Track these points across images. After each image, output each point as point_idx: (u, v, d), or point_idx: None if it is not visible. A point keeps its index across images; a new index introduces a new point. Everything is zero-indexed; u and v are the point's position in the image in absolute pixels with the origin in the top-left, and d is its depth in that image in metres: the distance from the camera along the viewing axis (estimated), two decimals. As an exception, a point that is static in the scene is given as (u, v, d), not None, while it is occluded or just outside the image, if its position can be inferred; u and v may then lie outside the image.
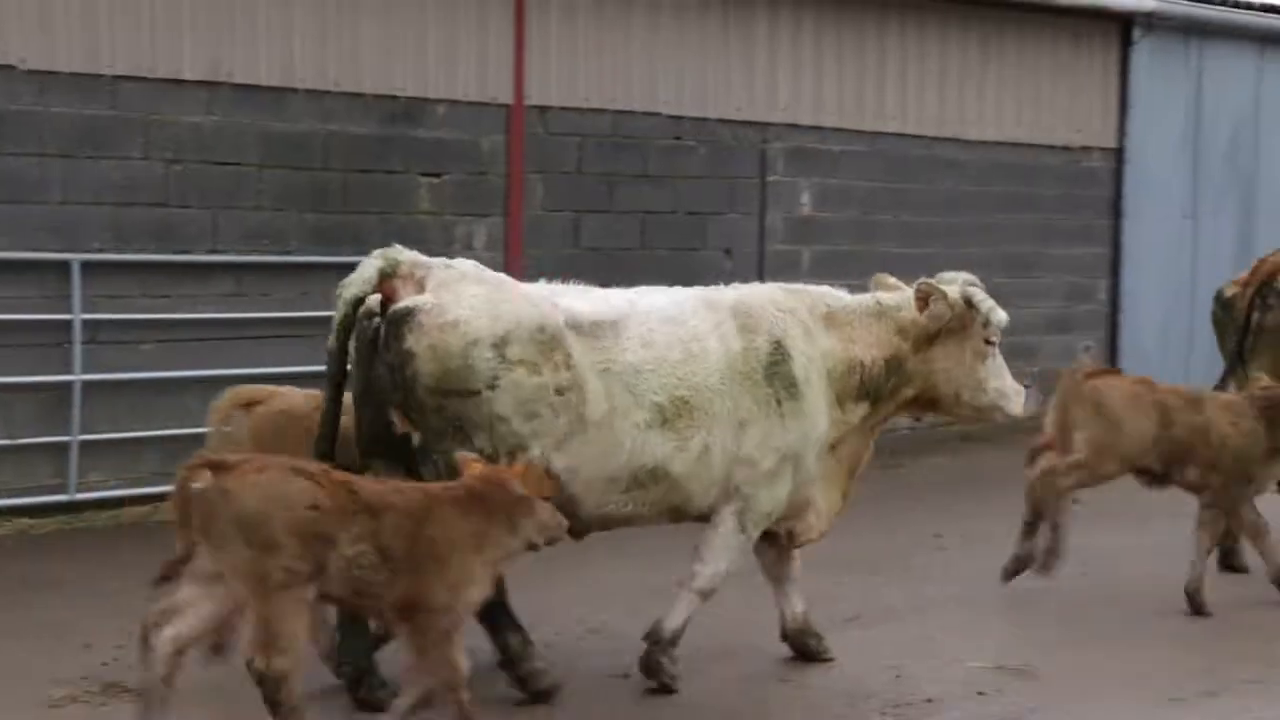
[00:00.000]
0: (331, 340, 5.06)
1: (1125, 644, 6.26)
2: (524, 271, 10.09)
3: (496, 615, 5.13)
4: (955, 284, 5.76)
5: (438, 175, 9.75)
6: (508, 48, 9.85)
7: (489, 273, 5.25)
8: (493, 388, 4.91)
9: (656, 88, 10.61)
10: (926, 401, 5.88)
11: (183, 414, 8.70)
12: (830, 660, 5.87)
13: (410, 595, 4.38)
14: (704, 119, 10.86)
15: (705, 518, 5.47)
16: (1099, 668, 5.94)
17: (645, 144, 10.60)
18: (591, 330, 5.18)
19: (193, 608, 4.31)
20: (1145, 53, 13.03)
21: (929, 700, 5.48)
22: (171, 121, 8.69)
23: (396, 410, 4.98)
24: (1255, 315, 7.53)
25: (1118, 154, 13.16)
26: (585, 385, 5.06)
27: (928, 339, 5.69)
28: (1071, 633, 6.41)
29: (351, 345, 5.08)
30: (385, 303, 5.00)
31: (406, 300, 4.95)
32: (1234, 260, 13.72)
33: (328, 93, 9.18)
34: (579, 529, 5.15)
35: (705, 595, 5.47)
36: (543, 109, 10.11)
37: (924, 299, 5.67)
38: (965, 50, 12.27)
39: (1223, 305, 7.92)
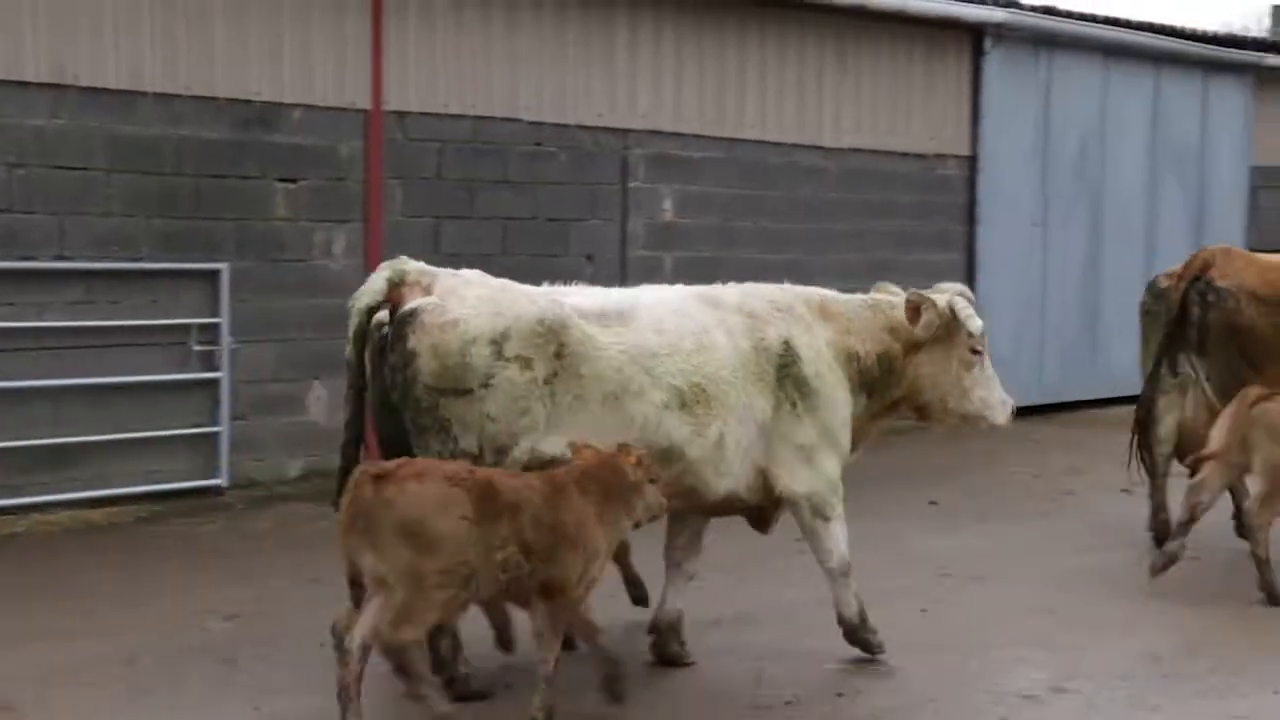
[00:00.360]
0: (349, 350, 5.30)
1: (983, 644, 6.36)
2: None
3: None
4: (945, 294, 6.00)
5: (294, 181, 9.60)
6: (365, 52, 9.73)
7: (492, 278, 5.41)
8: (486, 386, 5.09)
9: (517, 94, 10.58)
10: (913, 406, 6.11)
11: (31, 424, 8.47)
12: (689, 664, 5.92)
13: (548, 580, 4.78)
14: (565, 125, 10.85)
15: (719, 507, 5.74)
16: (958, 668, 6.03)
17: (506, 150, 10.56)
18: (602, 317, 5.38)
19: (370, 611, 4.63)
20: (996, 63, 13.31)
21: (788, 702, 5.51)
22: (15, 125, 8.44)
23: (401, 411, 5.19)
24: (1195, 311, 7.75)
25: (971, 162, 13.42)
26: (584, 370, 5.23)
27: (915, 345, 5.92)
28: (931, 634, 6.50)
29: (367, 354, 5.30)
30: (394, 309, 5.20)
31: (411, 302, 5.15)
32: (1083, 268, 14.11)
33: (178, 96, 8.99)
34: None
35: (847, 572, 5.87)
36: (401, 114, 10.01)
37: (915, 309, 5.89)
38: (823, 58, 12.43)
39: (1155, 296, 8.17)
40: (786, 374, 5.65)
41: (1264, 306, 7.70)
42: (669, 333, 5.47)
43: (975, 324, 5.94)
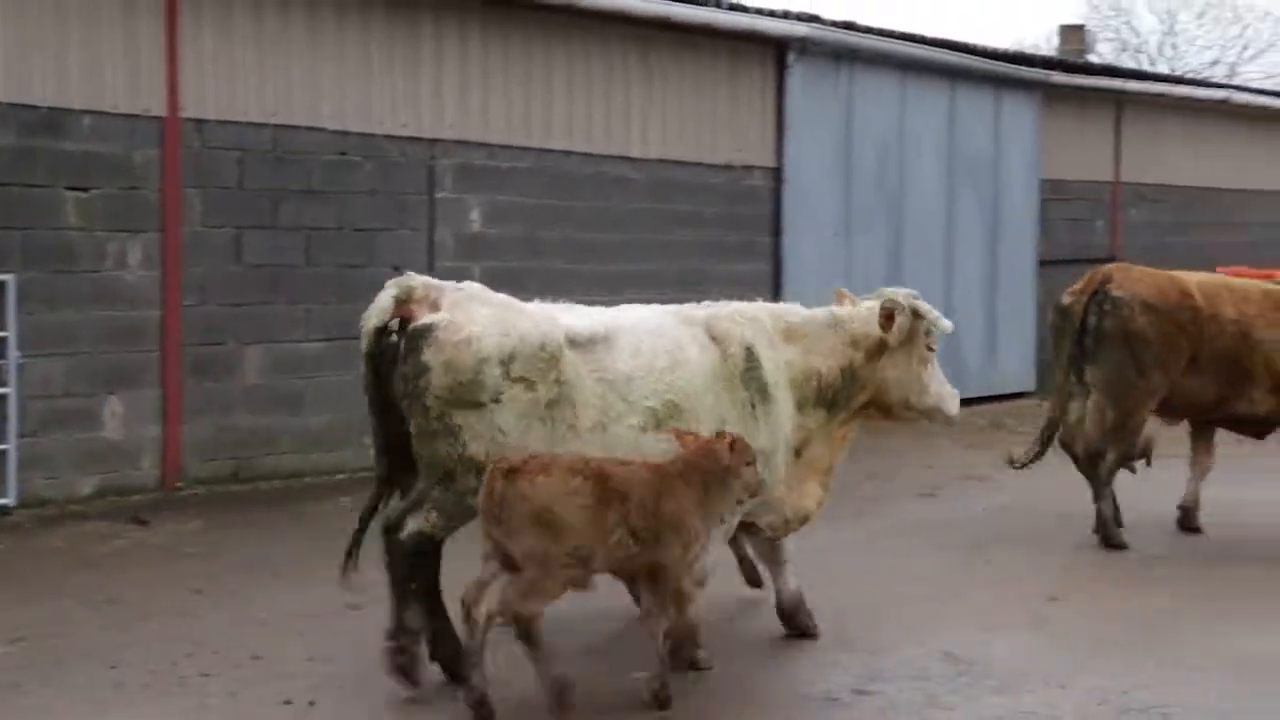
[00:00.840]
0: (365, 371, 5.59)
1: (785, 648, 6.44)
2: (182, 290, 9.76)
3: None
4: (899, 297, 6.31)
5: (85, 190, 9.28)
6: (159, 57, 9.47)
7: (494, 294, 5.69)
8: (497, 401, 5.38)
9: (320, 102, 10.40)
10: (878, 406, 6.40)
11: None
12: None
13: (655, 561, 5.28)
14: (370, 134, 10.71)
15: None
16: (762, 672, 6.09)
17: (309, 159, 10.37)
18: (587, 345, 5.65)
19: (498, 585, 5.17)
20: (799, 76, 13.56)
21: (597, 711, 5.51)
22: None
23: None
24: (1091, 320, 8.45)
25: (776, 173, 13.63)
26: (575, 397, 5.52)
27: (879, 349, 6.23)
28: (735, 639, 6.56)
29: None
30: (404, 322, 5.45)
31: (426, 318, 5.39)
32: (885, 278, 14.39)
33: (-42, 100, 8.63)
34: None
35: (785, 566, 6.41)
36: (199, 122, 9.76)
37: (889, 315, 6.20)
38: (630, 70, 12.50)
39: (1061, 313, 8.74)
40: (750, 377, 5.97)
41: (1154, 315, 8.41)
42: (644, 354, 5.75)
43: (944, 324, 6.32)
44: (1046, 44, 33.52)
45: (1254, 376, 8.64)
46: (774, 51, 13.48)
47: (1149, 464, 9.16)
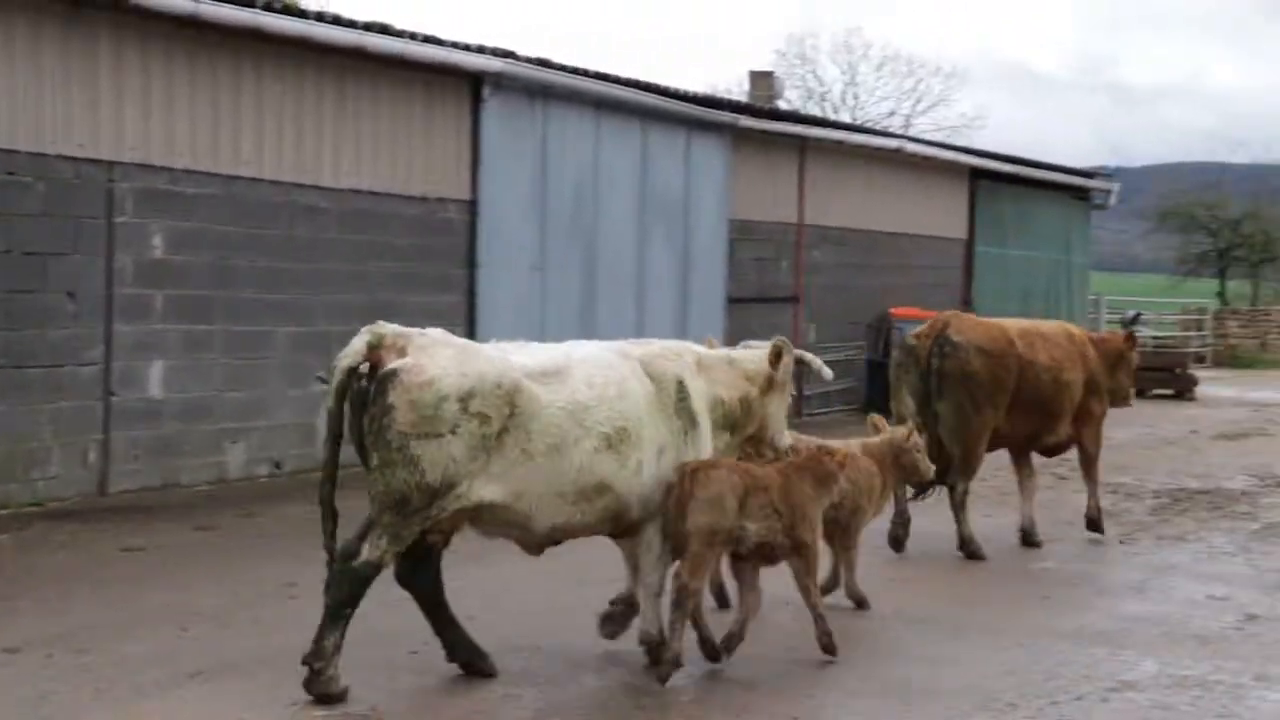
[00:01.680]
0: (332, 403, 6.03)
1: (465, 683, 6.43)
2: None
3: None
4: (778, 344, 7.01)
5: None
6: None
7: (455, 339, 6.23)
8: (454, 433, 5.91)
9: (-12, 120, 9.89)
10: (754, 438, 7.11)
11: None
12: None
13: (793, 541, 6.61)
14: (42, 155, 10.24)
15: (633, 528, 6.59)
16: (445, 709, 6.06)
17: (-25, 179, 9.83)
18: (544, 378, 6.21)
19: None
20: (495, 111, 13.64)
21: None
22: None
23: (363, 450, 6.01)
24: (934, 361, 9.55)
25: (471, 206, 13.65)
26: (531, 426, 6.11)
27: (770, 385, 6.98)
28: (420, 676, 6.50)
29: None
30: (373, 368, 5.95)
31: (392, 363, 5.91)
32: (579, 312, 14.63)
33: None
34: (536, 541, 6.50)
35: (659, 594, 6.67)
36: None
37: (778, 353, 6.96)
38: (322, 98, 12.33)
39: (906, 351, 9.82)
40: (682, 407, 6.64)
41: (987, 358, 9.58)
42: (598, 385, 6.36)
43: (827, 372, 7.30)
44: (738, 89, 34.73)
45: (1062, 412, 9.98)
46: (469, 85, 13.52)
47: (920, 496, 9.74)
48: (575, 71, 14.42)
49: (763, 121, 17.41)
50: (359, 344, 5.97)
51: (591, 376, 6.37)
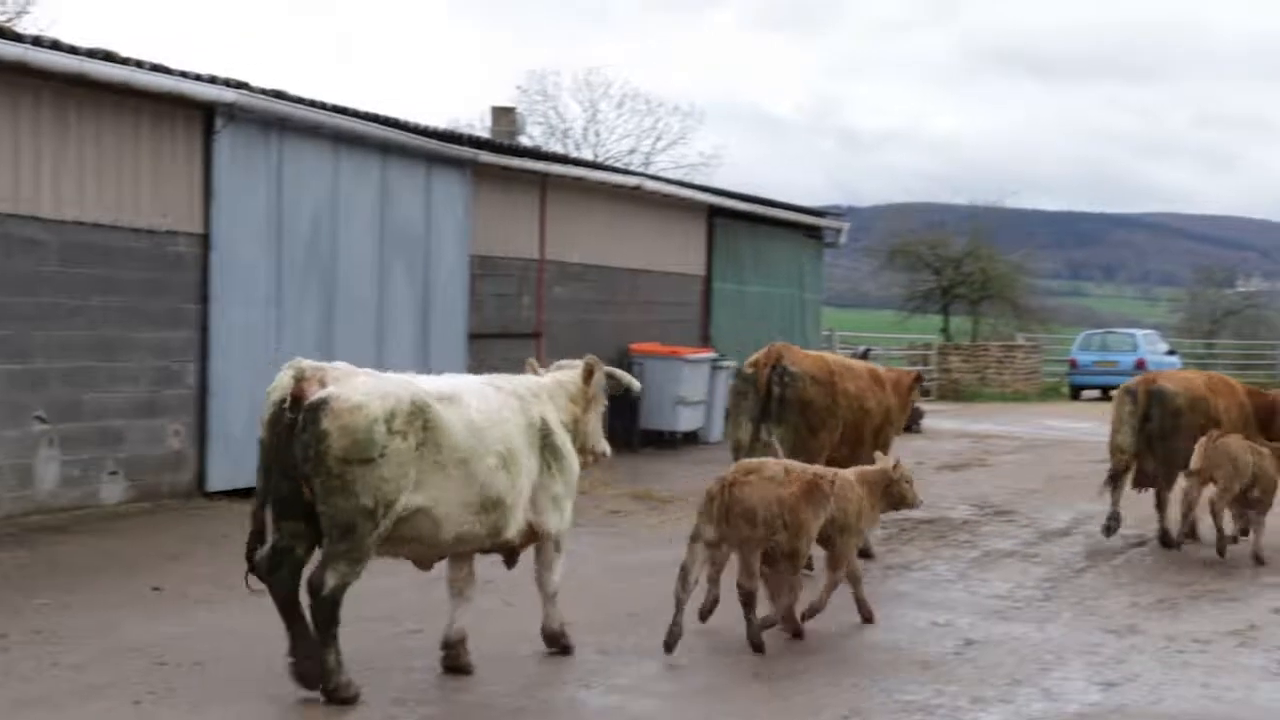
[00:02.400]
0: (265, 434, 6.52)
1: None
2: None
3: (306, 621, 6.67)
4: (583, 361, 7.78)
5: None
6: None
7: (358, 369, 6.70)
8: (383, 455, 6.38)
9: None
10: (580, 449, 7.70)
11: None
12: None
13: (791, 549, 7.81)
14: None
15: (501, 546, 7.24)
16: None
17: None
18: (447, 399, 6.77)
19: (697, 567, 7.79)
20: (228, 142, 13.29)
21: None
22: None
23: (304, 480, 6.39)
24: (775, 390, 10.32)
25: (204, 240, 13.24)
26: (441, 441, 6.63)
27: (588, 402, 7.72)
28: (142, 724, 6.26)
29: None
30: (296, 399, 6.40)
31: (320, 393, 6.38)
32: (317, 348, 14.32)
33: None
34: (437, 554, 7.07)
35: (556, 597, 7.59)
36: None
37: (590, 372, 7.72)
38: (41, 126, 11.79)
39: (744, 379, 10.59)
40: (546, 442, 7.30)
41: (819, 386, 10.46)
42: (487, 411, 6.96)
43: (636, 386, 8.28)
44: (480, 124, 34.74)
45: (866, 438, 10.81)
46: (201, 116, 13.14)
47: None
48: (312, 104, 14.16)
49: (503, 157, 17.43)
50: (285, 378, 6.50)
51: (481, 401, 7.01)
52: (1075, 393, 36.93)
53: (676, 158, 49.42)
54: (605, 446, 8.02)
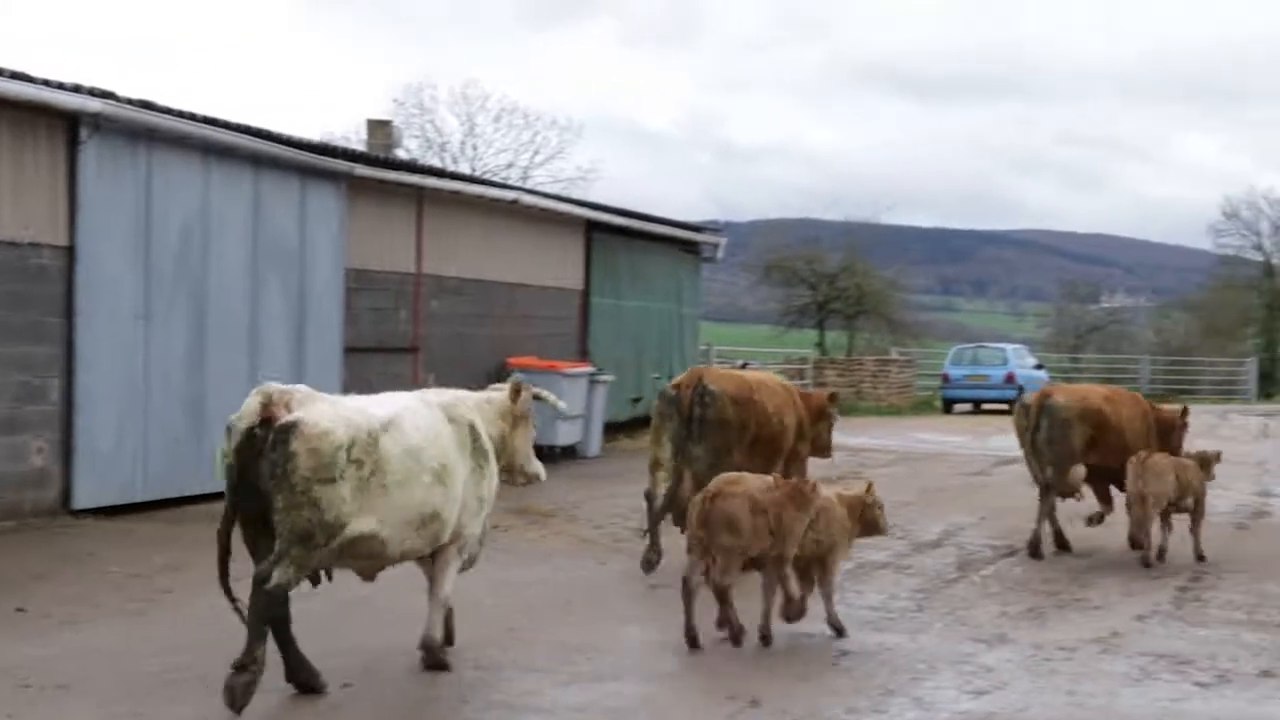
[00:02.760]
0: (232, 457, 6.88)
1: None
2: None
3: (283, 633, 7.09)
4: (510, 381, 8.35)
5: None
6: None
7: (319, 393, 7.14)
8: (342, 477, 6.84)
9: None
10: (510, 468, 8.26)
11: None
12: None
13: (778, 554, 8.35)
14: None
15: (440, 551, 7.63)
16: None
17: None
18: (391, 426, 7.21)
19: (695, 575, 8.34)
20: (94, 153, 12.99)
21: None
22: None
23: (267, 495, 6.76)
24: (696, 410, 10.88)
25: (69, 252, 12.93)
26: (386, 466, 7.07)
27: (515, 420, 8.20)
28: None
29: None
30: (266, 421, 6.82)
31: (289, 417, 6.81)
32: (187, 363, 14.08)
33: None
34: (381, 567, 7.51)
35: (448, 604, 7.83)
36: None
37: (517, 391, 8.22)
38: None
39: (668, 401, 11.15)
40: (476, 446, 7.78)
41: (737, 406, 11.00)
42: (423, 429, 7.41)
43: (563, 405, 8.96)
44: (356, 137, 34.41)
45: (782, 450, 11.51)
46: (66, 126, 12.82)
47: None
48: (181, 114, 13.89)
49: (379, 170, 17.27)
50: (253, 404, 6.88)
51: (416, 422, 7.44)
52: (948, 406, 37.61)
53: (554, 172, 49.41)
54: (538, 468, 8.44)
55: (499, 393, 8.28)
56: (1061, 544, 12.32)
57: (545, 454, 19.24)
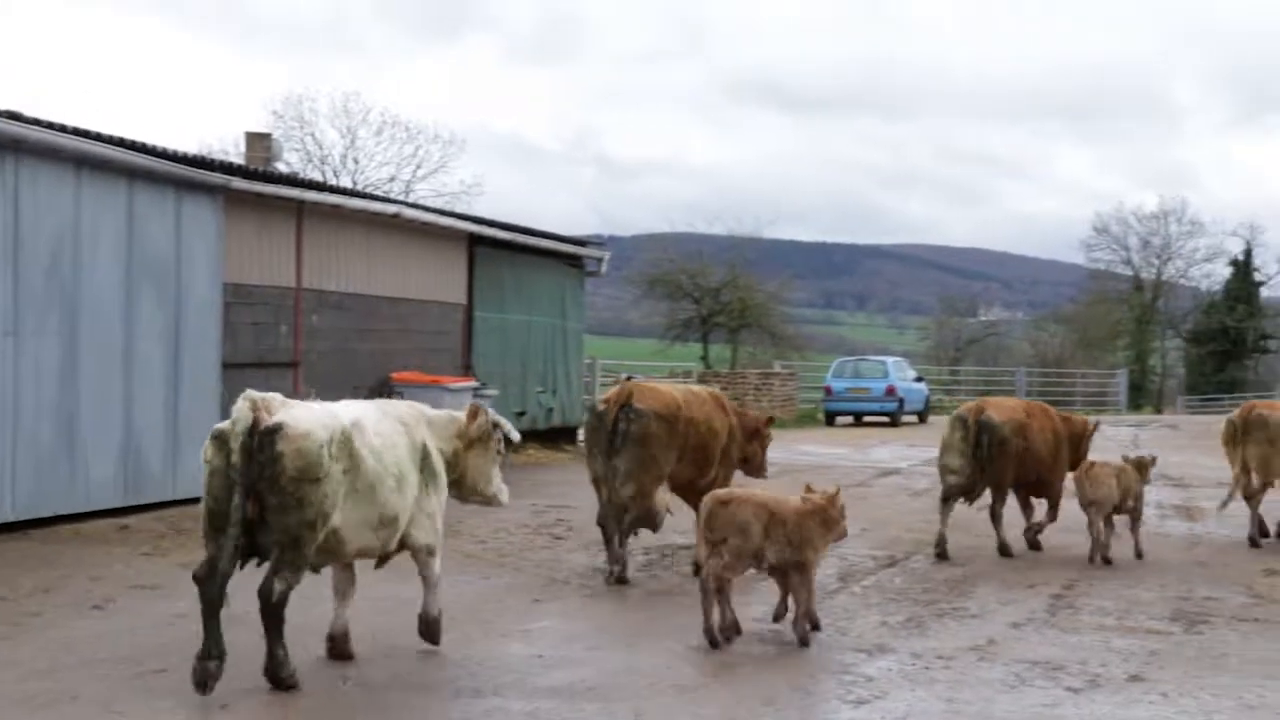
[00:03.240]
0: (236, 458, 7.24)
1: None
2: None
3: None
4: (481, 405, 8.89)
5: None
6: None
7: (292, 400, 7.68)
8: (327, 476, 7.33)
9: None
10: (459, 485, 8.76)
11: None
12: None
13: (798, 561, 8.93)
14: None
15: (388, 555, 8.27)
16: None
17: None
18: (359, 428, 7.70)
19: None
20: (-40, 165, 12.64)
21: None
22: None
23: (252, 498, 7.23)
24: (621, 425, 11.27)
25: (-66, 267, 12.55)
26: (358, 467, 7.60)
27: (470, 442, 8.70)
28: None
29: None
30: (253, 425, 7.26)
31: (272, 420, 7.30)
32: (59, 379, 13.74)
33: None
34: (331, 563, 8.01)
35: (439, 584, 8.63)
36: None
37: (473, 414, 8.72)
38: None
39: (598, 417, 11.55)
40: (426, 465, 8.27)
41: (663, 422, 11.37)
42: (383, 435, 7.90)
43: (515, 435, 9.00)
44: (235, 150, 33.92)
45: (713, 458, 11.97)
46: (-69, 136, 12.47)
47: (657, 530, 11.86)
48: (51, 126, 13.59)
49: (257, 184, 17.02)
50: (245, 409, 7.31)
51: (379, 427, 7.92)
52: (830, 419, 38.07)
53: (438, 186, 49.21)
54: (498, 490, 8.95)
55: (459, 412, 8.84)
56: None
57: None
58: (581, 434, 12.23)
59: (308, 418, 7.37)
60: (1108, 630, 9.77)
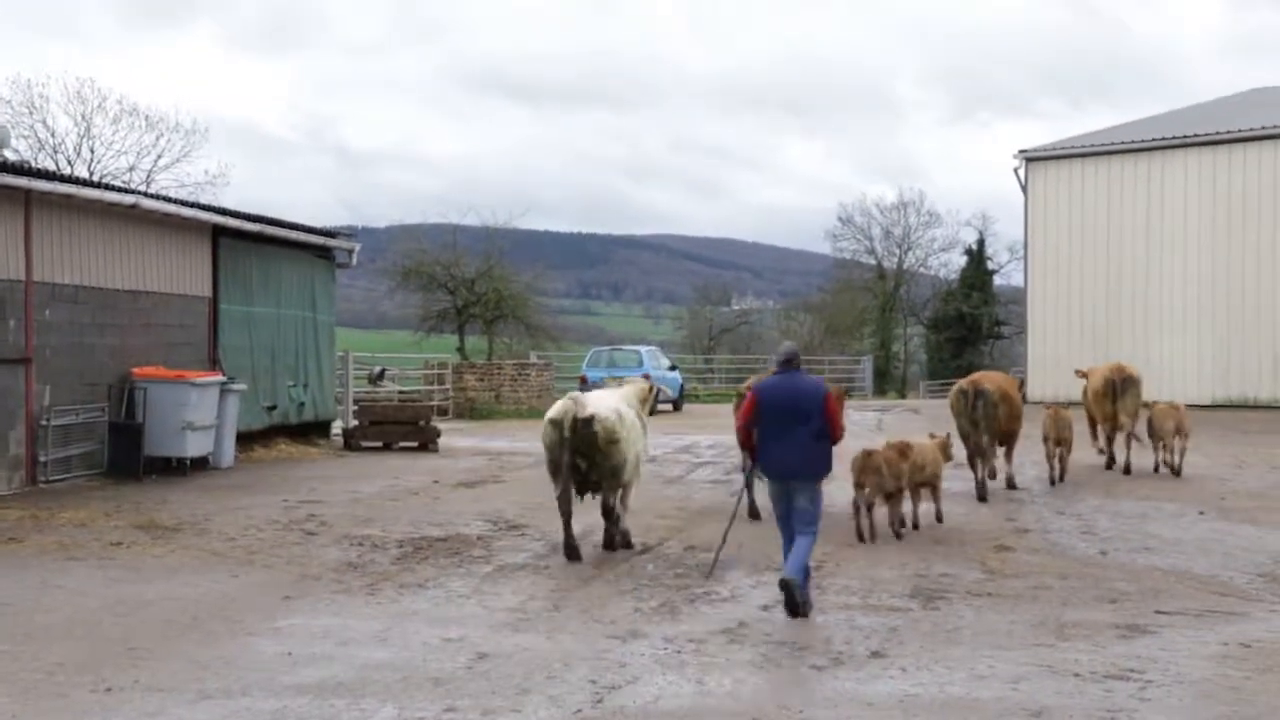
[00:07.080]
0: (570, 437, 12.09)
1: None
2: None
3: None
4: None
5: None
6: None
7: (588, 394, 12.62)
8: (620, 439, 12.36)
9: None
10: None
11: None
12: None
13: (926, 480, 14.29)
14: None
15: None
16: None
17: None
18: (621, 411, 12.53)
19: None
20: None
21: None
22: None
23: (584, 456, 12.27)
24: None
25: None
26: (633, 431, 12.67)
27: (642, 406, 13.43)
28: None
29: None
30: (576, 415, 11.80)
31: (586, 412, 12.11)
32: None
33: None
34: (617, 485, 12.58)
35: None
36: None
37: (650, 391, 13.26)
38: None
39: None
40: (639, 422, 12.96)
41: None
42: (628, 413, 12.79)
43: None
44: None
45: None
46: None
47: None
48: None
49: (-19, 172, 16.17)
50: (569, 405, 12.07)
51: (626, 409, 12.62)
52: (586, 408, 38.29)
53: (181, 176, 47.63)
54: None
55: (640, 384, 13.74)
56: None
57: (176, 466, 18.72)
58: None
59: (606, 407, 12.19)
60: (852, 609, 10.11)
